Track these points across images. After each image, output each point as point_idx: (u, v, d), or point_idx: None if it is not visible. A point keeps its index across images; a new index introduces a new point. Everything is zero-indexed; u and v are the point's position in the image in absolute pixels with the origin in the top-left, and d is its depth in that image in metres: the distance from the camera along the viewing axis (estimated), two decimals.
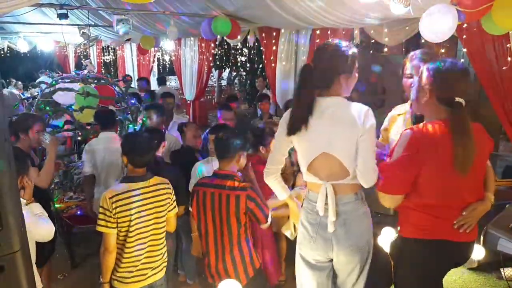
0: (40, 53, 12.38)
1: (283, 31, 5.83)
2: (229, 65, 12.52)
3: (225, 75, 15.10)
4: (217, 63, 11.89)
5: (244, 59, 12.08)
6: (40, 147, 3.39)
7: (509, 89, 3.47)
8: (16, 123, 3.23)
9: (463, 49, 3.80)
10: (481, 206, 1.93)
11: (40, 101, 4.16)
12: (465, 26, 3.48)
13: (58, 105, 4.25)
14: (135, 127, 4.28)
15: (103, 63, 12.10)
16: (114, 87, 4.65)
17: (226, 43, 8.41)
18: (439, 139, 1.81)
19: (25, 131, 3.15)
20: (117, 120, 4.06)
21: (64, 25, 5.22)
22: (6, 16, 6.71)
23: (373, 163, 1.96)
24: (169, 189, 2.56)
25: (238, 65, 12.30)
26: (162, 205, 2.50)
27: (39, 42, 11.07)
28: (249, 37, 6.63)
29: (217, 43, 8.15)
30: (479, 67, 3.63)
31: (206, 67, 8.14)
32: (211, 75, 10.67)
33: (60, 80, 4.24)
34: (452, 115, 1.81)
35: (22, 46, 10.34)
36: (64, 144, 4.79)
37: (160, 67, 12.37)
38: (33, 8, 4.33)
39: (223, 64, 12.30)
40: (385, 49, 5.10)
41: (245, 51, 11.57)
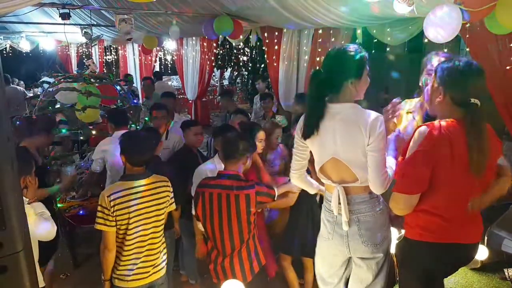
0: (42, 53, 12.40)
1: (285, 30, 5.82)
2: (231, 64, 12.52)
3: (227, 74, 15.11)
4: (219, 63, 11.88)
5: (246, 58, 12.08)
6: (46, 147, 3.43)
7: None
8: (40, 122, 3.31)
9: (466, 49, 3.77)
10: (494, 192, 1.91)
11: (43, 101, 4.16)
12: (468, 25, 3.46)
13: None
14: (137, 127, 4.28)
15: (105, 62, 12.11)
16: (116, 86, 4.65)
17: (228, 43, 8.40)
18: (454, 139, 1.77)
19: (42, 132, 3.23)
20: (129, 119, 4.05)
21: (66, 24, 5.22)
22: (8, 15, 6.72)
23: (383, 172, 1.95)
24: (168, 187, 2.58)
25: (240, 64, 12.30)
26: (161, 202, 2.52)
27: (41, 42, 11.09)
28: (251, 37, 6.63)
29: (219, 43, 8.14)
30: (482, 66, 3.61)
31: (208, 66, 8.13)
32: (213, 75, 10.68)
33: (62, 79, 4.24)
34: (466, 116, 1.78)
35: (24, 45, 10.36)
36: (59, 144, 4.77)
37: (162, 67, 12.37)
38: (35, 7, 4.33)
39: (225, 63, 12.30)
40: (387, 49, 5.09)
41: (247, 50, 11.56)
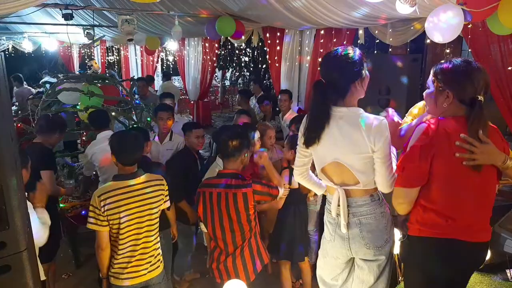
0: (44, 54, 12.43)
1: (287, 31, 5.83)
2: (233, 65, 12.54)
3: (228, 75, 15.13)
4: (221, 63, 11.91)
5: (247, 59, 12.10)
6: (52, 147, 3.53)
7: None
8: (55, 121, 3.50)
9: (468, 50, 3.78)
10: (496, 149, 1.79)
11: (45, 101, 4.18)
12: (470, 26, 3.46)
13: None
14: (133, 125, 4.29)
15: (107, 63, 12.14)
16: (118, 87, 4.67)
17: (230, 44, 8.42)
18: (453, 135, 1.77)
19: (57, 130, 3.41)
20: (110, 117, 4.07)
21: (69, 25, 5.23)
22: (11, 16, 6.74)
23: (391, 176, 1.97)
24: (162, 185, 2.59)
25: (242, 65, 12.32)
26: (154, 201, 2.52)
27: (43, 42, 11.12)
28: (252, 37, 6.63)
29: (221, 44, 8.16)
30: (484, 67, 3.61)
31: (209, 67, 8.15)
32: (214, 75, 10.69)
33: (65, 80, 4.26)
34: (470, 112, 1.78)
35: (27, 46, 10.39)
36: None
37: (163, 67, 12.39)
38: (38, 8, 4.34)
39: (227, 64, 12.33)
40: (389, 49, 5.10)
41: (249, 51, 11.58)
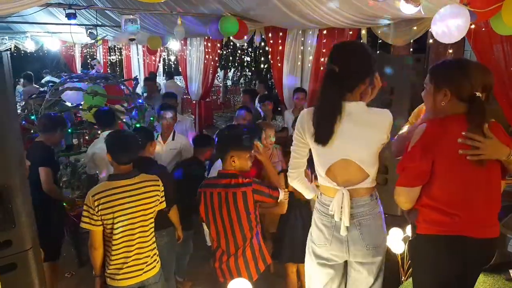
0: (46, 53, 12.45)
1: (289, 31, 5.83)
2: (235, 65, 12.55)
3: (230, 75, 15.14)
4: (223, 63, 11.91)
5: (249, 59, 12.11)
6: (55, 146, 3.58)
7: None
8: (57, 120, 3.53)
9: (471, 49, 3.78)
10: (500, 143, 1.78)
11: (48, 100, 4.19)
12: (473, 26, 3.46)
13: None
14: (137, 125, 4.30)
15: (109, 63, 12.15)
16: (121, 86, 4.68)
17: (232, 43, 8.42)
18: (455, 132, 1.78)
19: (58, 129, 3.44)
20: (116, 117, 4.09)
21: (72, 25, 5.25)
22: (14, 16, 6.76)
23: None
24: (158, 186, 2.58)
25: (244, 64, 12.33)
26: (149, 202, 2.51)
27: (46, 42, 11.14)
28: (255, 37, 6.63)
29: (223, 43, 8.16)
30: (485, 66, 3.61)
31: (211, 67, 8.15)
32: (216, 75, 10.70)
33: (68, 79, 4.27)
34: (469, 109, 1.79)
35: (29, 46, 10.41)
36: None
37: (165, 67, 12.40)
38: (42, 8, 4.35)
39: (230, 64, 12.34)
40: (392, 49, 5.10)
41: (250, 51, 11.59)
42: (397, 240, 3.02)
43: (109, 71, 10.84)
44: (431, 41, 4.27)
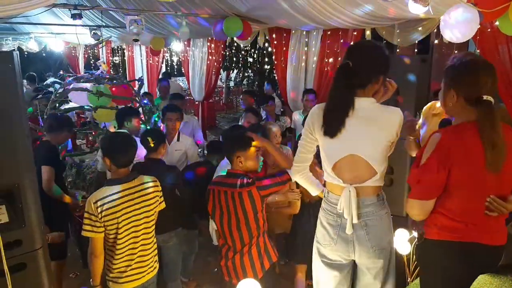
0: (49, 54, 12.46)
1: (293, 31, 5.83)
2: (238, 66, 12.56)
3: (233, 76, 15.14)
4: (226, 64, 11.92)
5: (251, 60, 12.11)
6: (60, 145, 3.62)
7: None
8: (64, 120, 3.60)
9: (477, 50, 3.76)
10: None
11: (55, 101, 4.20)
12: (478, 26, 3.46)
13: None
14: (147, 127, 4.31)
15: (112, 64, 12.15)
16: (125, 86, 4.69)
17: (235, 44, 8.42)
18: (469, 141, 1.74)
19: (65, 129, 3.49)
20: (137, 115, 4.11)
21: (76, 26, 5.26)
22: (18, 16, 6.77)
23: None
24: (157, 186, 2.57)
25: (248, 65, 12.32)
26: (150, 203, 2.51)
27: (49, 43, 11.15)
28: (259, 38, 6.64)
29: (226, 44, 8.16)
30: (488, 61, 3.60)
31: (215, 68, 8.15)
32: (219, 76, 10.69)
33: (74, 81, 4.28)
34: (479, 115, 1.74)
35: (33, 47, 10.42)
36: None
37: (168, 68, 12.41)
38: (47, 8, 4.35)
39: (233, 65, 12.35)
40: (397, 50, 5.09)
41: (254, 51, 11.59)
42: (403, 241, 3.01)
43: (111, 72, 10.82)
44: (436, 41, 4.27)
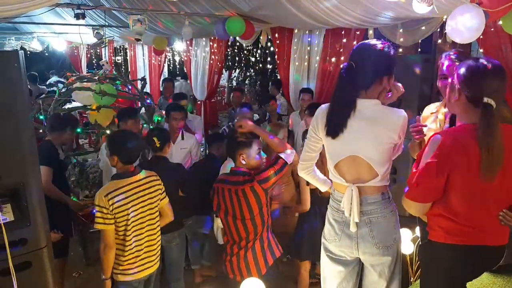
0: (52, 54, 12.49)
1: (296, 31, 5.82)
2: (241, 65, 12.55)
3: (235, 75, 15.12)
4: (228, 64, 11.91)
5: (253, 59, 12.10)
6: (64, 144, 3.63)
7: None
8: (67, 120, 3.60)
9: (480, 50, 3.75)
10: None
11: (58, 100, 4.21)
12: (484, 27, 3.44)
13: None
14: (150, 127, 4.31)
15: (114, 63, 12.16)
16: (129, 86, 4.69)
17: (237, 44, 8.41)
18: (469, 144, 1.73)
19: (68, 129, 3.48)
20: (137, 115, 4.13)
21: (79, 25, 5.27)
22: (21, 16, 6.78)
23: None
24: (158, 181, 2.68)
25: (251, 64, 12.31)
26: (154, 196, 2.61)
27: (52, 42, 11.18)
28: (261, 38, 6.63)
29: (229, 44, 8.17)
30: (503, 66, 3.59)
31: (217, 67, 8.15)
32: (221, 76, 10.68)
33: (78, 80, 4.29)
34: (480, 118, 1.72)
35: (35, 46, 10.44)
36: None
37: (170, 68, 12.42)
38: (51, 8, 4.37)
39: (235, 64, 12.34)
40: (400, 49, 5.07)
41: (256, 51, 11.57)
42: (406, 240, 3.01)
43: (114, 72, 10.82)
44: (439, 41, 4.26)
